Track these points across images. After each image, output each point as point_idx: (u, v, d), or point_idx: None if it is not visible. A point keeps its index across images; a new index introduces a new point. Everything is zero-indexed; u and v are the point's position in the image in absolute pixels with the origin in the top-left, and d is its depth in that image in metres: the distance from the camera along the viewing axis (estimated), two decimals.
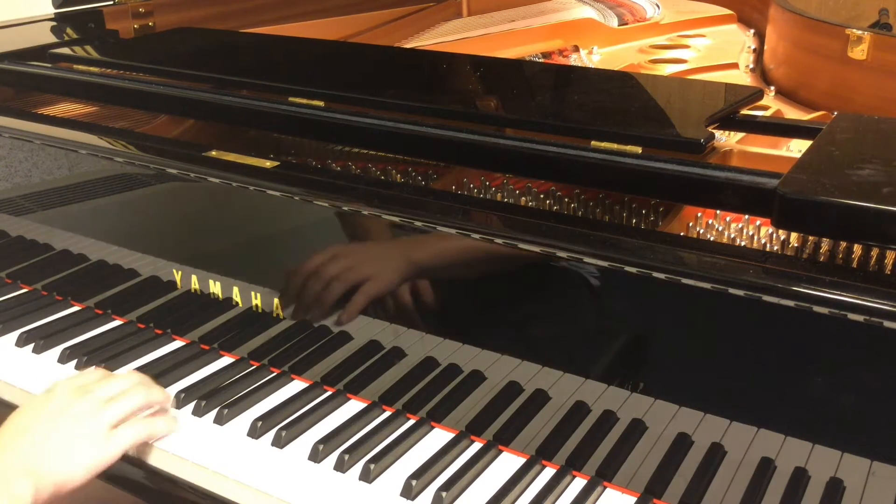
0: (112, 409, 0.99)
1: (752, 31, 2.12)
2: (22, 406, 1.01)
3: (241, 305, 1.19)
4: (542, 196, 1.13)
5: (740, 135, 1.21)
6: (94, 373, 1.07)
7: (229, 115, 1.32)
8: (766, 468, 0.88)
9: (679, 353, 0.92)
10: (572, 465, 0.98)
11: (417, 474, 0.97)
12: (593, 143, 1.03)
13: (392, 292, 1.04)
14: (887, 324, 0.77)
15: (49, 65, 1.50)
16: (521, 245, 0.94)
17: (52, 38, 1.67)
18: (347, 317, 1.08)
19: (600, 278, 0.91)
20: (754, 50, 1.96)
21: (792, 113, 1.58)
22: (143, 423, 1.02)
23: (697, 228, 1.03)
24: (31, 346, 1.24)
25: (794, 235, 0.97)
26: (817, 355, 0.83)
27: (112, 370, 1.18)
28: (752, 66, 1.88)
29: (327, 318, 1.11)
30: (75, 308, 1.34)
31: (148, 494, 1.06)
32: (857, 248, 0.91)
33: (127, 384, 1.04)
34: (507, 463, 1.01)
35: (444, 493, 0.94)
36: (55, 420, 0.97)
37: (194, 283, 1.22)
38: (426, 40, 1.98)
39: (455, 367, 1.04)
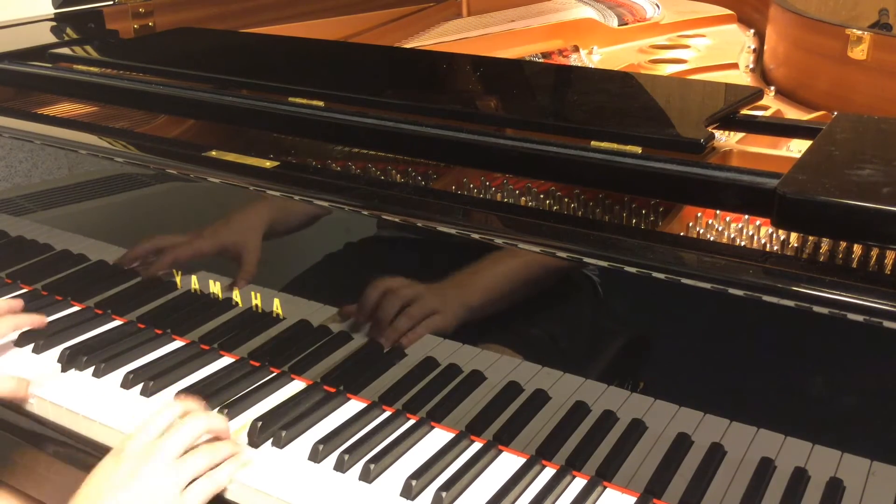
0: (182, 472, 0.95)
1: (752, 31, 2.12)
2: (93, 472, 0.97)
3: (241, 305, 1.19)
4: (542, 196, 1.13)
5: (740, 135, 1.21)
6: (157, 421, 1.00)
7: (229, 115, 1.32)
8: (766, 468, 0.87)
9: (679, 353, 0.92)
10: (572, 465, 0.98)
11: (417, 474, 0.96)
12: (593, 143, 1.03)
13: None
14: (887, 324, 0.77)
15: (49, 65, 1.50)
16: (521, 245, 0.94)
17: (52, 38, 1.67)
18: (409, 342, 1.06)
19: (600, 278, 0.91)
20: (754, 50, 1.96)
21: (792, 113, 1.58)
22: (211, 480, 0.97)
23: (697, 228, 1.04)
24: (31, 345, 1.24)
25: (794, 235, 0.97)
26: (817, 355, 0.83)
27: (112, 370, 1.18)
28: (752, 66, 1.88)
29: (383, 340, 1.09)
30: (75, 308, 1.34)
31: None
32: (857, 248, 0.91)
33: (195, 431, 0.99)
34: (507, 463, 1.01)
35: (444, 493, 0.94)
36: (124, 490, 0.93)
37: (194, 283, 1.22)
38: (426, 40, 1.98)
39: (455, 367, 1.04)
